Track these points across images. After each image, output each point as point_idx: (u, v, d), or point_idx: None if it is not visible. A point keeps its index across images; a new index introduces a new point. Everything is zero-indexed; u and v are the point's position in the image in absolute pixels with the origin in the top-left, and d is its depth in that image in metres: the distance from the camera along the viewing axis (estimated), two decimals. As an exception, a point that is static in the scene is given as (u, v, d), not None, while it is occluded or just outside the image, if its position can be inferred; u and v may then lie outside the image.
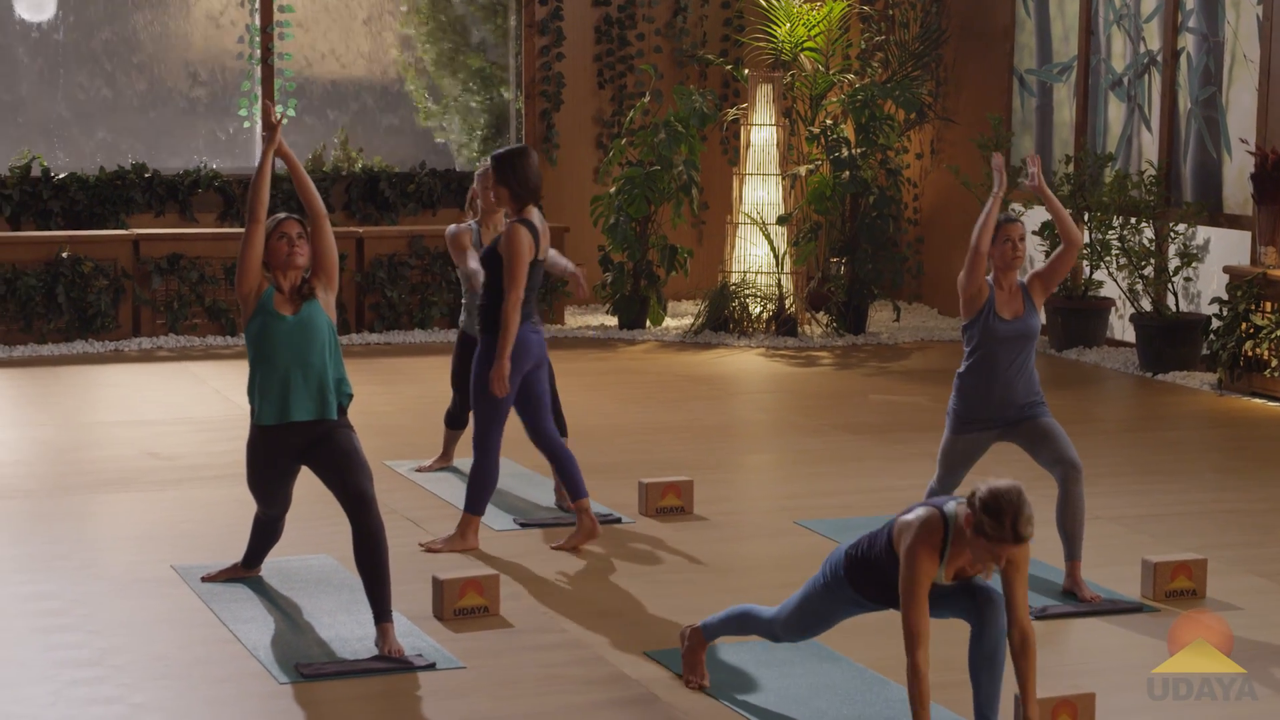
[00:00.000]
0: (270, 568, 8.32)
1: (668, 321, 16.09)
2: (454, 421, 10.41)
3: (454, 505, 9.69)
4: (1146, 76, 14.86)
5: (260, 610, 7.83)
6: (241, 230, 8.60)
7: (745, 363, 14.54)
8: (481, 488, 8.86)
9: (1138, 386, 13.68)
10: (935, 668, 6.42)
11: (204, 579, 8.31)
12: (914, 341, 15.59)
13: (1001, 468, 8.84)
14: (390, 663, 7.21)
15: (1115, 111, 15.19)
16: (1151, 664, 7.43)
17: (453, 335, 15.07)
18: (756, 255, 15.83)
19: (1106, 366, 14.36)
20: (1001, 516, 5.99)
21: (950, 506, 6.17)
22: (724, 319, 15.62)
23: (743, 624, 6.91)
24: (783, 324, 15.56)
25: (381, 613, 7.33)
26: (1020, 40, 16.22)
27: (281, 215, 7.72)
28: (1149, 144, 14.84)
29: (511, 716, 6.72)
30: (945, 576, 6.20)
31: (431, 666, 7.19)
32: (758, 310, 15.68)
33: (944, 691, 6.90)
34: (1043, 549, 8.65)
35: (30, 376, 13.40)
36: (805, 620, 6.67)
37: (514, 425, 10.89)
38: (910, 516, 6.22)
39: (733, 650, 7.37)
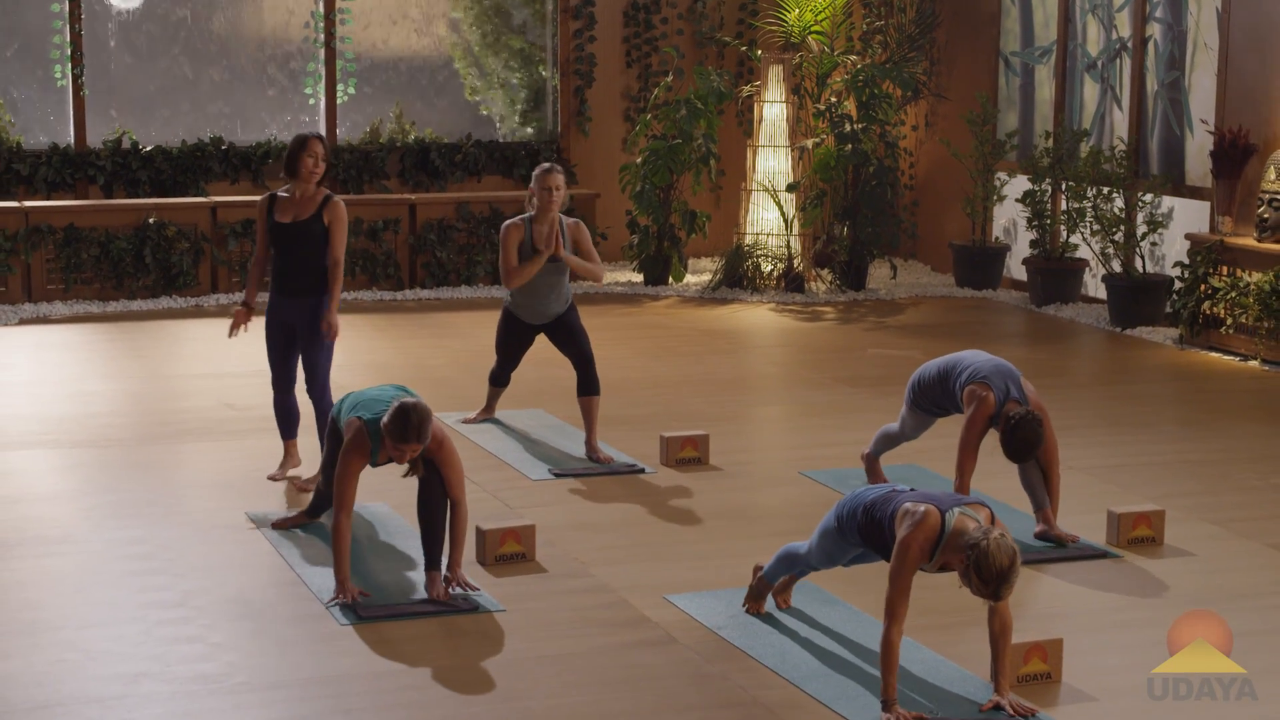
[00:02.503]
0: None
1: (688, 279, 16.10)
2: (497, 380, 10.45)
3: (495, 455, 9.76)
4: (1118, 61, 14.81)
5: (324, 555, 7.85)
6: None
7: (757, 317, 14.55)
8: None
9: (1108, 340, 13.69)
10: (919, 612, 6.53)
11: (274, 525, 8.39)
12: (909, 297, 15.59)
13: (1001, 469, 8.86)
14: (438, 605, 7.28)
15: (1090, 91, 15.14)
16: (1115, 608, 7.50)
17: (495, 292, 15.17)
18: (768, 219, 15.83)
19: (1080, 321, 14.36)
20: (987, 581, 6.04)
21: (952, 514, 6.19)
22: (739, 277, 15.63)
23: (790, 562, 7.02)
24: (791, 281, 15.56)
25: (431, 561, 7.41)
26: (1006, 25, 16.16)
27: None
28: (1120, 121, 14.79)
29: (546, 657, 6.78)
30: (931, 569, 6.27)
31: (475, 609, 7.26)
32: (769, 269, 15.69)
33: (927, 634, 6.97)
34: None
35: (121, 330, 13.46)
36: (826, 555, 6.80)
37: (543, 378, 10.98)
38: (914, 507, 6.25)
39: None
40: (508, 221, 9.76)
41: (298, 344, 9.19)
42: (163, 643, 6.88)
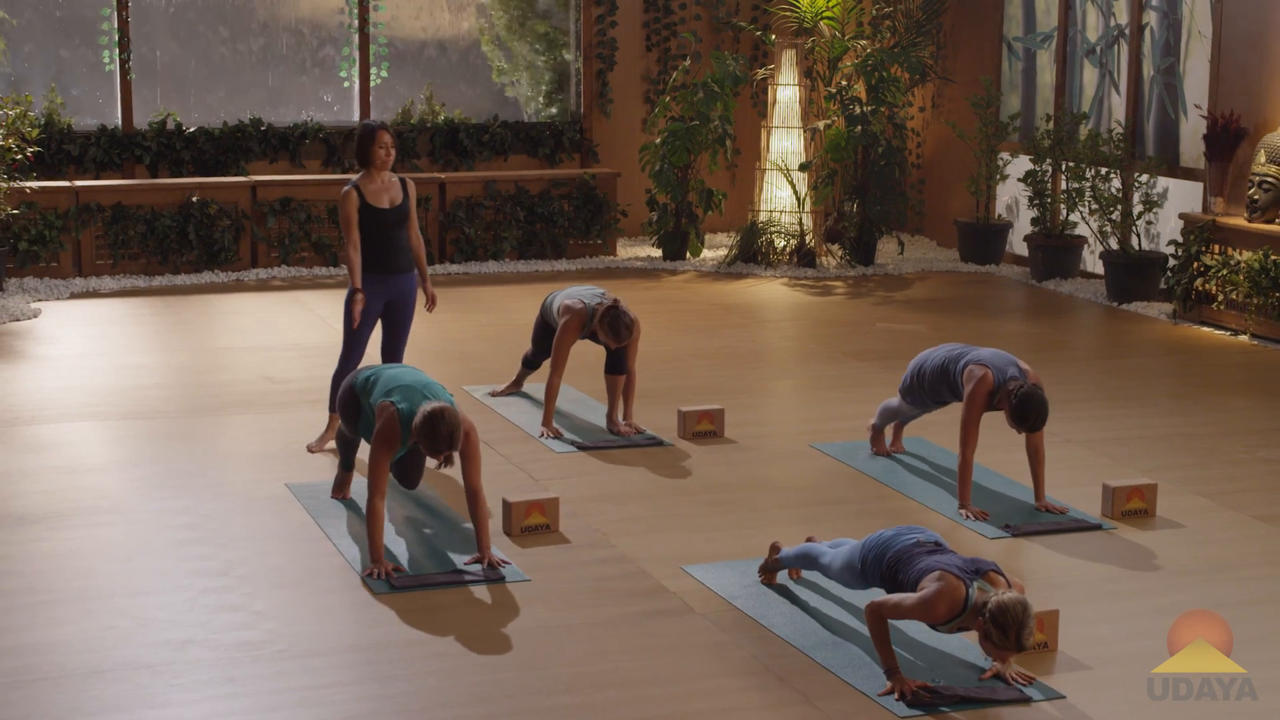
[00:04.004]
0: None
1: (705, 254, 16.12)
2: (529, 363, 10.47)
3: (521, 428, 9.82)
4: (1116, 47, 14.79)
5: (359, 527, 7.91)
6: (344, 175, 8.63)
7: (771, 291, 14.58)
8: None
9: (1105, 315, 13.70)
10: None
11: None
12: (916, 272, 15.60)
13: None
14: (468, 576, 7.34)
15: (1089, 76, 15.13)
16: (1109, 579, 7.54)
17: (520, 266, 15.21)
18: (781, 197, 15.84)
19: (1079, 296, 14.38)
20: (1007, 630, 6.03)
21: (974, 588, 6.17)
22: (753, 252, 15.65)
23: (808, 563, 7.03)
24: (803, 257, 15.59)
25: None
26: (1009, 11, 16.13)
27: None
28: (1117, 105, 14.78)
29: (569, 626, 6.84)
30: (946, 630, 6.29)
31: (501, 580, 7.33)
32: (782, 245, 15.71)
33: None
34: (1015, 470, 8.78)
35: (167, 304, 13.53)
36: (845, 582, 6.77)
37: (584, 355, 11.00)
38: (937, 577, 6.19)
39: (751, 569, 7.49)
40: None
41: (380, 321, 9.31)
42: (208, 610, 6.95)
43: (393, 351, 9.33)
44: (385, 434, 7.41)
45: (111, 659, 6.44)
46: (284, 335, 12.38)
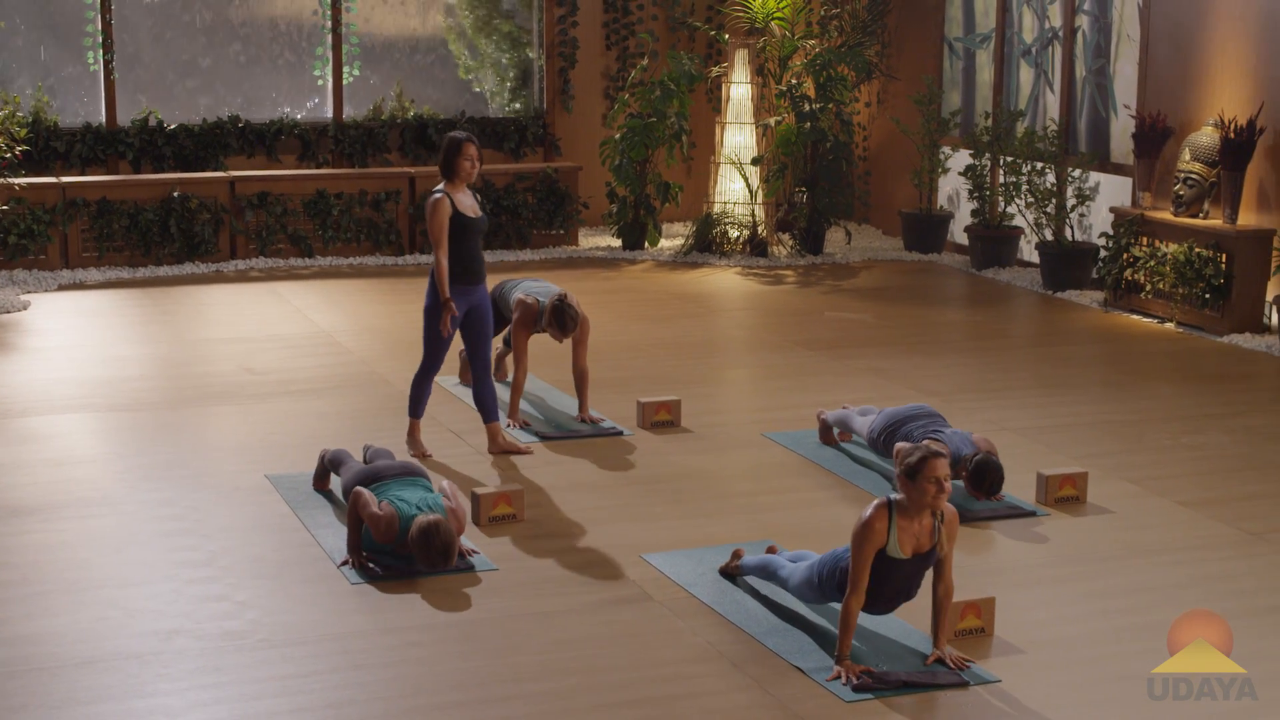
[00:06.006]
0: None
1: (662, 243, 16.18)
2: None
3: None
4: (1050, 48, 14.88)
5: (334, 519, 7.98)
6: (318, 170, 8.24)
7: (725, 280, 14.64)
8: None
9: (1040, 302, 13.81)
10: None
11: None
12: (862, 261, 15.68)
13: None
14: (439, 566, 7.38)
15: (1025, 75, 15.22)
16: (1043, 565, 7.63)
17: (486, 256, 15.20)
18: (735, 189, 15.91)
19: (1016, 285, 14.48)
20: (914, 450, 6.27)
21: (894, 496, 6.37)
22: (708, 242, 15.72)
23: (767, 575, 7.05)
24: (756, 246, 15.65)
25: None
26: (949, 13, 16.21)
27: None
28: (1052, 103, 14.87)
29: (534, 615, 6.89)
30: (904, 551, 6.37)
31: (471, 569, 7.39)
32: (735, 235, 15.77)
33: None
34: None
35: (150, 295, 13.52)
36: (804, 598, 6.79)
37: (534, 342, 11.03)
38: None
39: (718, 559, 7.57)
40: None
41: (460, 330, 9.11)
42: (193, 601, 6.99)
43: (478, 354, 9.10)
44: (383, 528, 7.37)
45: (102, 649, 6.47)
46: (262, 326, 12.38)
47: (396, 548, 7.35)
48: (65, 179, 14.52)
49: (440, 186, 8.96)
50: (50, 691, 6.10)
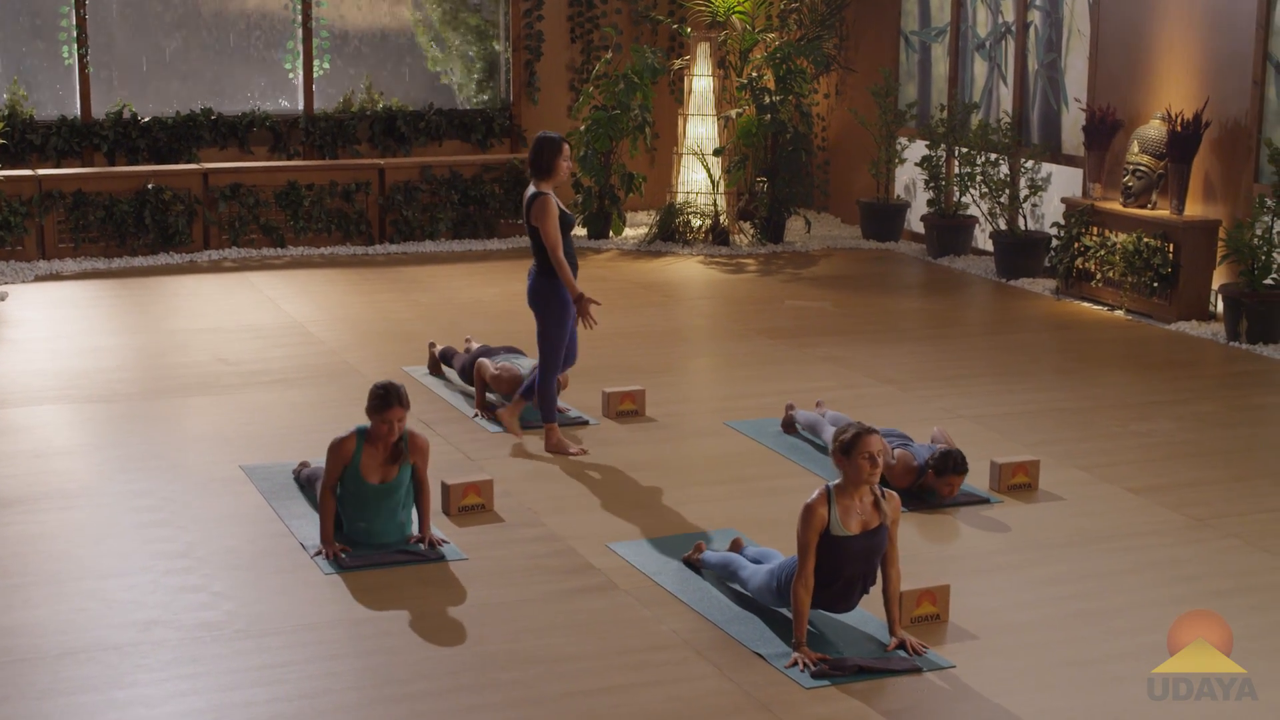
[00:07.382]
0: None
1: (627, 232, 16.21)
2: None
3: (456, 408, 9.87)
4: (1003, 42, 14.93)
5: (308, 509, 7.98)
6: (290, 162, 8.27)
7: (688, 269, 14.67)
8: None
9: (995, 290, 13.87)
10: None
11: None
12: (822, 249, 15.73)
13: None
14: (410, 556, 7.41)
15: (979, 69, 15.27)
16: (996, 552, 7.69)
17: (455, 245, 15.26)
18: (697, 180, 15.93)
19: (971, 272, 14.55)
20: (848, 427, 6.40)
21: (832, 485, 6.46)
22: (671, 231, 15.74)
23: (728, 572, 7.08)
24: (718, 235, 15.69)
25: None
26: (906, 6, 16.24)
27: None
28: (1005, 96, 14.94)
29: (503, 604, 6.92)
30: (849, 528, 6.41)
31: (441, 559, 7.41)
32: (698, 224, 15.80)
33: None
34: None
35: (125, 285, 13.49)
36: (762, 599, 6.82)
37: (507, 330, 11.02)
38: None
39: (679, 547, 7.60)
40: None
41: None
42: (170, 592, 7.00)
43: (571, 346, 9.07)
44: (338, 448, 7.45)
45: (82, 640, 6.48)
46: (235, 316, 12.36)
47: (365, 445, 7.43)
48: (41, 171, 14.47)
49: (538, 187, 8.74)
50: (32, 683, 6.11)
